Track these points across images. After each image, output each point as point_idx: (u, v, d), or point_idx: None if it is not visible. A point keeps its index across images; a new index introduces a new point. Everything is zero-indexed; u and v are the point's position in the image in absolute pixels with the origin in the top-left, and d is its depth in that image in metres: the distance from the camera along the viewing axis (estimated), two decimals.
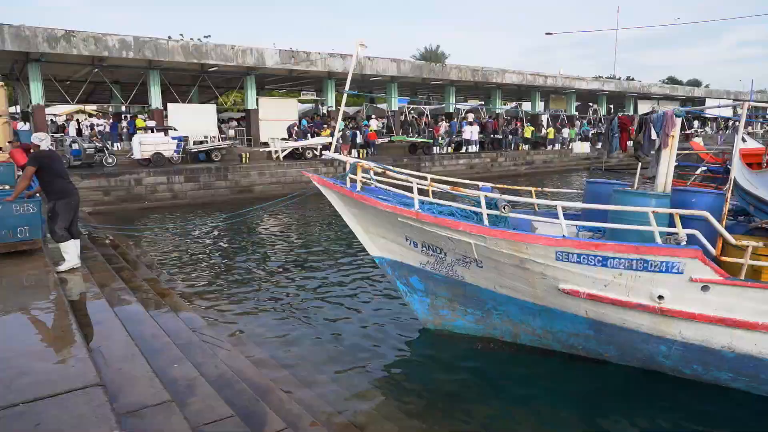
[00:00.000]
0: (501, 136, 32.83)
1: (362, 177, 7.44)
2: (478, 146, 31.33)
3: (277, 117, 28.02)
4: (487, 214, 6.48)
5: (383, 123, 33.88)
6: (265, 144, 25.64)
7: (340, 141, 25.07)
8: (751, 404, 5.98)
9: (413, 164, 26.26)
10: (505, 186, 8.74)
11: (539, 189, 8.78)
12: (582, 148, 35.85)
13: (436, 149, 29.56)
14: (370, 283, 10.22)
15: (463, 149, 30.85)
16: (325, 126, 27.01)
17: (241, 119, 33.79)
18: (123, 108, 30.69)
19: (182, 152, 22.17)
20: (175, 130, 22.89)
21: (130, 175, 19.84)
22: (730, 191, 6.20)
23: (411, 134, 32.84)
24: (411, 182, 7.13)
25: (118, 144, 26.27)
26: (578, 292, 6.18)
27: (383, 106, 37.01)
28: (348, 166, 7.48)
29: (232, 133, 29.69)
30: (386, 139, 30.54)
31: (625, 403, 6.17)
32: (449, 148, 30.59)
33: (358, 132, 27.71)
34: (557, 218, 6.18)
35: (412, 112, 38.37)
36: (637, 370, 6.61)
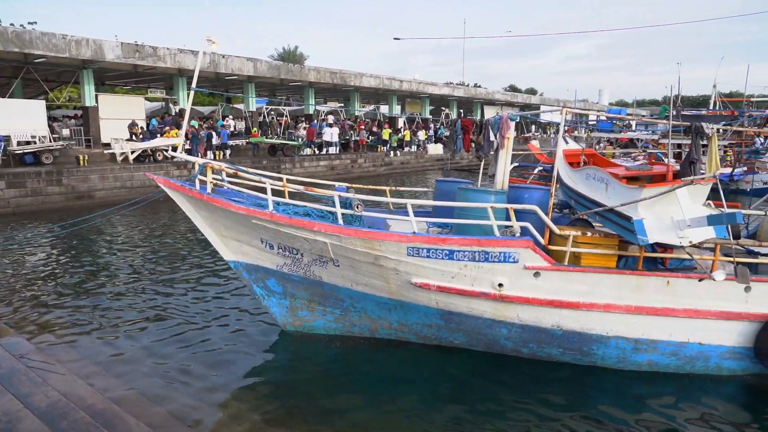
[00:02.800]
0: (375, 138, 33.99)
1: (214, 179, 7.12)
2: (338, 148, 31.69)
3: (121, 116, 25.67)
4: (342, 214, 6.57)
5: (242, 123, 32.75)
6: (108, 145, 23.39)
7: (197, 141, 23.82)
8: (581, 373, 6.79)
9: (273, 166, 25.75)
10: (361, 186, 8.93)
11: (393, 188, 9.10)
12: (436, 149, 37.97)
13: (308, 151, 29.82)
14: (224, 290, 9.80)
15: (324, 151, 31.00)
16: (175, 127, 25.40)
17: (79, 117, 30.41)
18: None
19: (3, 154, 19.40)
20: None
21: None
22: (555, 187, 6.98)
23: (270, 135, 32.15)
24: (265, 183, 6.98)
25: None
26: (429, 284, 6.52)
27: (240, 106, 35.79)
28: (197, 168, 7.11)
29: (66, 132, 26.55)
30: (244, 141, 29.58)
31: (474, 384, 6.63)
32: (309, 149, 30.60)
33: (213, 133, 26.48)
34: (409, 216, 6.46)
35: (271, 113, 37.61)
36: (483, 354, 7.14)
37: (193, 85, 7.59)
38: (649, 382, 6.67)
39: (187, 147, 24.18)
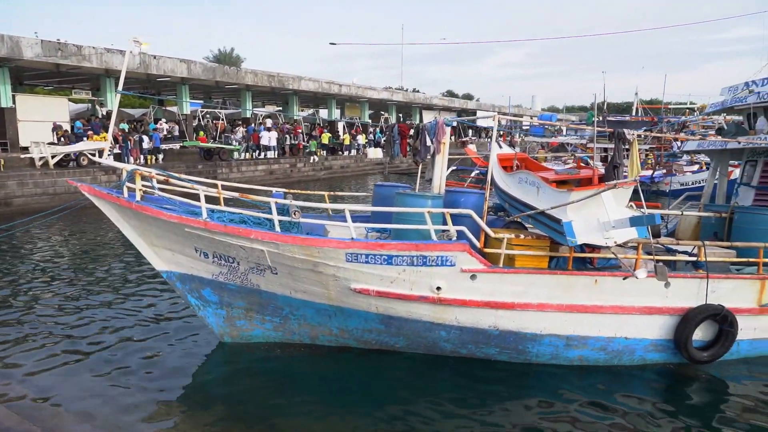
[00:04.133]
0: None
1: (143, 186, 6.81)
2: (276, 152, 31.22)
3: (42, 118, 24.12)
4: (280, 221, 6.45)
5: (176, 127, 31.61)
6: (26, 149, 21.94)
7: (127, 146, 22.76)
8: (514, 369, 6.99)
9: (209, 171, 25.03)
10: (299, 191, 8.81)
11: (332, 193, 9.03)
12: (375, 153, 38.14)
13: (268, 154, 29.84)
14: (157, 301, 9.39)
15: (262, 155, 30.46)
16: (103, 130, 24.16)
17: None
18: None
19: None
20: None
21: None
22: (489, 191, 7.16)
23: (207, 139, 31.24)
24: (198, 190, 6.75)
25: None
26: (368, 290, 6.52)
27: (174, 109, 34.57)
28: (124, 174, 6.79)
29: None
30: (177, 145, 28.54)
31: (415, 385, 6.67)
32: (246, 153, 29.97)
33: (145, 136, 25.41)
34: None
35: (207, 116, 36.54)
36: (423, 356, 7.21)
37: (119, 87, 7.28)
38: (581, 376, 6.95)
39: (117, 151, 23.09)
